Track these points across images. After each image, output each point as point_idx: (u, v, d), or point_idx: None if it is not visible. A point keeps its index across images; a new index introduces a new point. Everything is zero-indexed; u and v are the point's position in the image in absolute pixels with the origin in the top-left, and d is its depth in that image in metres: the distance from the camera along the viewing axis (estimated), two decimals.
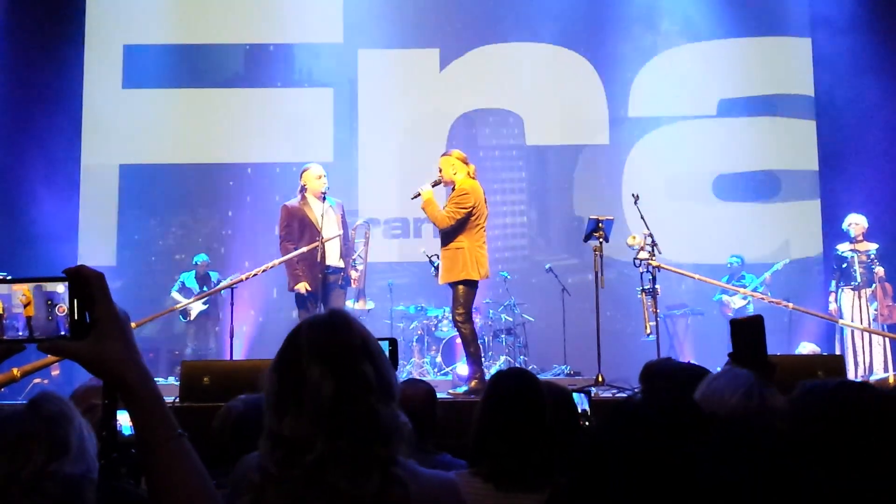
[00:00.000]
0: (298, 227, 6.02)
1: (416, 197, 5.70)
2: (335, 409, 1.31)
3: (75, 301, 1.02)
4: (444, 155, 5.80)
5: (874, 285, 7.40)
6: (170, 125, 9.35)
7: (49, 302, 1.03)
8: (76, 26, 9.25)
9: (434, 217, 5.58)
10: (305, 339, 1.36)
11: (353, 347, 1.36)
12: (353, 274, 6.27)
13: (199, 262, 8.57)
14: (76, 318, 1.02)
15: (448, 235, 5.58)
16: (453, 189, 5.63)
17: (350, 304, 6.42)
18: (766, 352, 2.12)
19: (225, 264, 8.77)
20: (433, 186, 5.70)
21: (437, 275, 5.90)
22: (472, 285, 5.56)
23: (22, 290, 1.03)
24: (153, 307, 7.61)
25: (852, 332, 7.37)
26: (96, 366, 1.03)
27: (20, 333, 1.04)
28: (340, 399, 1.31)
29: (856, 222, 7.52)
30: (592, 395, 5.17)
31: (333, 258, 6.01)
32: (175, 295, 8.39)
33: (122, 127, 9.20)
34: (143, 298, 8.46)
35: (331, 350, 1.34)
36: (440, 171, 5.73)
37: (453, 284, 5.56)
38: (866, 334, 7.24)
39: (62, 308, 1.03)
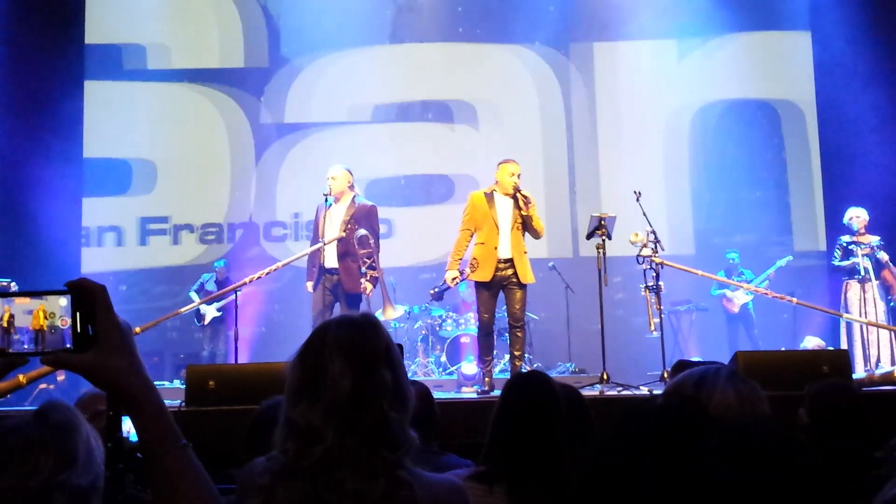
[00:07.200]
0: (314, 227, 6.20)
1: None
2: (349, 406, 1.34)
3: (77, 314, 1.03)
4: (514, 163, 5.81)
5: (883, 273, 7.34)
6: None
7: (52, 315, 1.04)
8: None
9: (539, 225, 5.74)
10: (333, 334, 1.40)
11: (377, 351, 1.40)
12: (367, 286, 5.87)
13: (218, 268, 8.64)
14: (79, 330, 1.03)
15: (520, 239, 5.74)
16: (524, 200, 5.67)
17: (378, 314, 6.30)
18: None
19: None
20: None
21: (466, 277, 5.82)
22: None
23: (40, 308, 1.04)
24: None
25: (859, 325, 7.31)
26: (99, 378, 1.03)
27: (26, 346, 1.04)
28: (355, 397, 1.35)
29: (857, 215, 7.46)
30: (598, 392, 5.19)
31: (332, 261, 5.96)
32: (192, 295, 8.44)
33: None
34: None
35: (355, 349, 1.38)
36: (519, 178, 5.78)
37: (524, 286, 5.73)
38: (872, 327, 7.19)
39: (65, 321, 1.03)
